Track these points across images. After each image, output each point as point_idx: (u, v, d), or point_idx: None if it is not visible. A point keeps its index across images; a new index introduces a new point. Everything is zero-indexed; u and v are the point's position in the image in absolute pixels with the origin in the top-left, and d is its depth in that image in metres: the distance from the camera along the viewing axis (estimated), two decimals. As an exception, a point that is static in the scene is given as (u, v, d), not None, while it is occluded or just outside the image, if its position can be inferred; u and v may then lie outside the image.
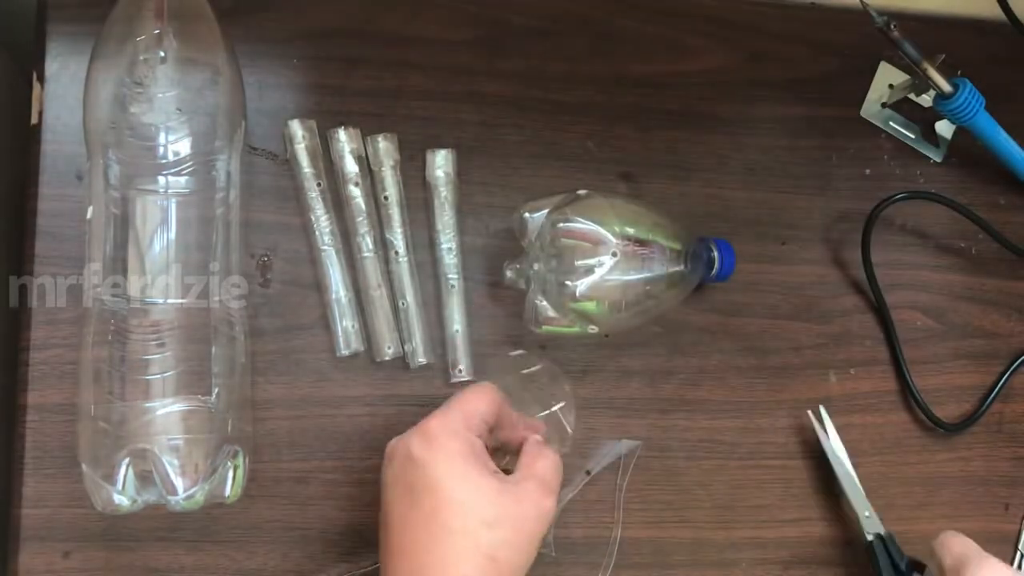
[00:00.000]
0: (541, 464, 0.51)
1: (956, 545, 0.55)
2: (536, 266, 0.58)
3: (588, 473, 0.63)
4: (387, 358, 0.60)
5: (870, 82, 0.73)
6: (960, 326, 0.72)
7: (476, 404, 0.51)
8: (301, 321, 0.60)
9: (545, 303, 0.59)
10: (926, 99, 0.71)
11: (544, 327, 0.60)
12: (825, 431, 0.66)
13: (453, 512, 0.47)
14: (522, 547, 0.48)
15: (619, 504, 0.63)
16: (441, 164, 0.63)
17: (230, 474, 0.53)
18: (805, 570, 0.66)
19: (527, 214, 0.60)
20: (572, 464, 0.62)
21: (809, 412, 0.67)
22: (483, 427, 0.51)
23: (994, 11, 0.70)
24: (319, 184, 0.60)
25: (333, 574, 0.58)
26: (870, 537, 0.64)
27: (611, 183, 0.66)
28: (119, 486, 0.50)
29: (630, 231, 0.58)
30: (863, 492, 0.65)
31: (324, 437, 0.60)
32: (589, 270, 0.56)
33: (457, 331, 0.62)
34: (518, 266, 0.60)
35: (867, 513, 0.64)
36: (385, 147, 0.61)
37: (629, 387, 0.65)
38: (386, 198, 0.61)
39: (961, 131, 0.71)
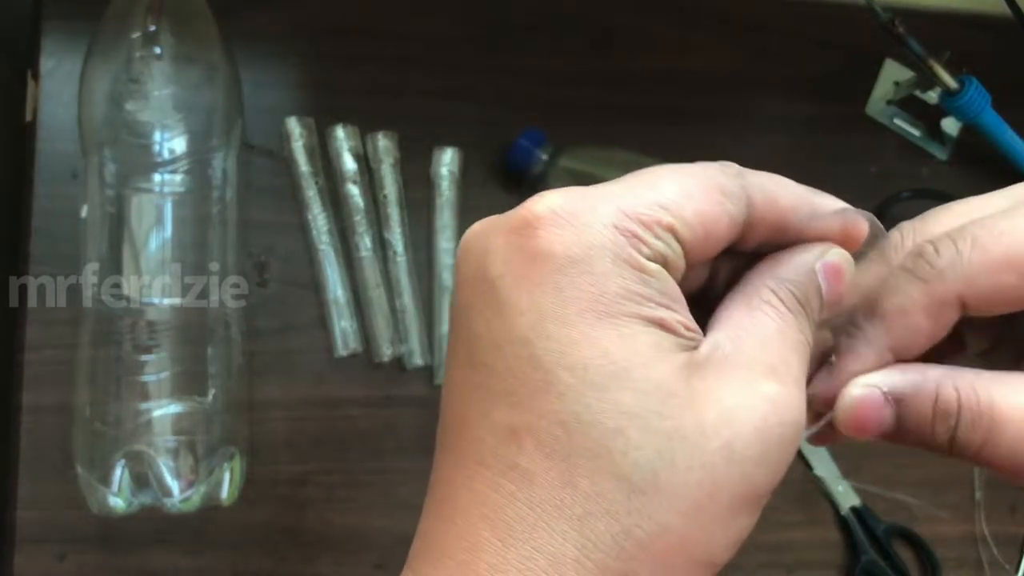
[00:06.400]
0: (765, 327, 0.26)
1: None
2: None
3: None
4: (386, 359, 0.59)
5: (875, 79, 0.73)
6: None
7: (674, 193, 0.25)
8: (299, 321, 0.60)
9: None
10: (932, 96, 0.70)
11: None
12: None
13: (538, 414, 0.24)
14: (714, 506, 0.24)
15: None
16: (447, 163, 0.62)
17: (227, 476, 0.52)
18: (808, 573, 0.65)
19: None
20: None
21: None
22: (672, 247, 0.25)
23: (1000, 8, 0.69)
24: (317, 182, 0.60)
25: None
26: (844, 512, 0.64)
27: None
28: (115, 488, 0.50)
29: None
30: (836, 468, 0.65)
31: (322, 439, 0.59)
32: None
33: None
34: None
35: (840, 488, 0.65)
36: (385, 145, 0.61)
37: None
38: (385, 196, 0.61)
39: (967, 129, 0.71)
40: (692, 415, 0.24)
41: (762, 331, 0.26)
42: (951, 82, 0.65)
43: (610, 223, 0.25)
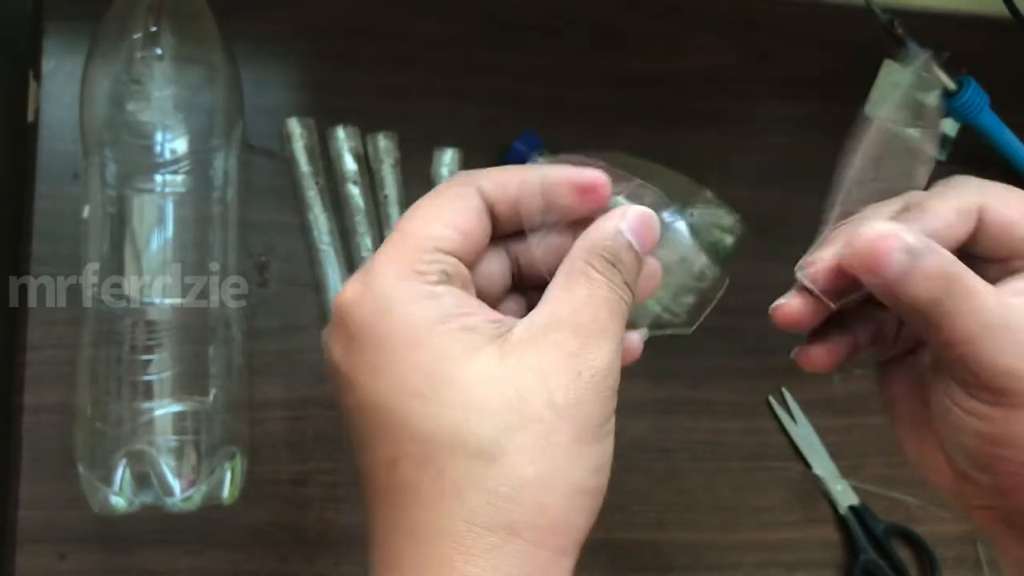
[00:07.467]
0: (577, 294, 0.31)
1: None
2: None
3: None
4: (386, 358, 0.60)
5: (874, 80, 0.73)
6: (965, 326, 0.71)
7: (421, 226, 0.31)
8: (299, 321, 0.60)
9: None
10: (930, 97, 0.71)
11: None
12: (789, 413, 0.66)
13: (402, 441, 0.30)
14: (558, 448, 0.29)
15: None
16: (447, 163, 0.62)
17: (227, 476, 0.52)
18: (808, 573, 0.65)
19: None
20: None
21: (769, 397, 0.66)
22: (445, 261, 0.31)
23: (999, 8, 0.70)
24: (317, 183, 0.60)
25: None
26: (843, 511, 0.65)
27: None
28: (116, 487, 0.50)
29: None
30: (835, 468, 0.65)
31: (323, 438, 0.59)
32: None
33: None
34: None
35: (839, 487, 0.65)
36: (385, 145, 0.61)
37: (631, 387, 0.64)
38: (385, 197, 0.61)
39: (965, 129, 0.71)
40: (513, 388, 0.29)
41: (575, 298, 0.31)
42: (949, 83, 0.65)
43: (393, 277, 0.30)
